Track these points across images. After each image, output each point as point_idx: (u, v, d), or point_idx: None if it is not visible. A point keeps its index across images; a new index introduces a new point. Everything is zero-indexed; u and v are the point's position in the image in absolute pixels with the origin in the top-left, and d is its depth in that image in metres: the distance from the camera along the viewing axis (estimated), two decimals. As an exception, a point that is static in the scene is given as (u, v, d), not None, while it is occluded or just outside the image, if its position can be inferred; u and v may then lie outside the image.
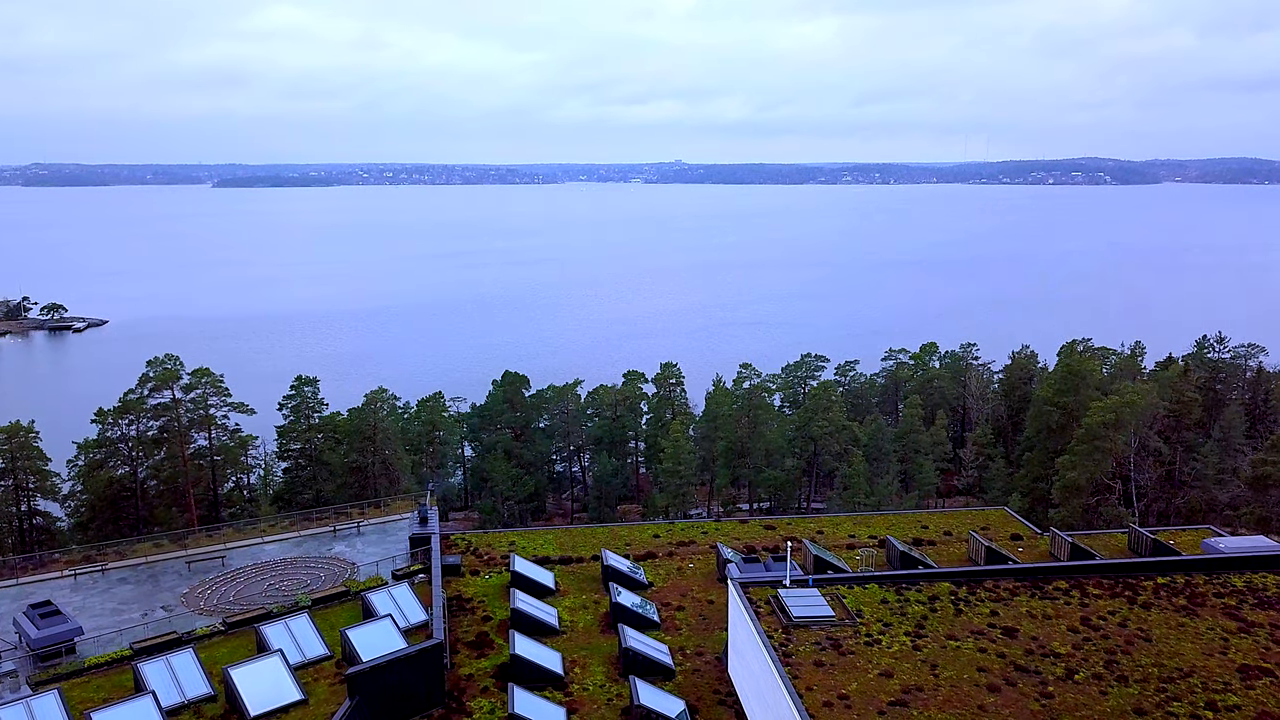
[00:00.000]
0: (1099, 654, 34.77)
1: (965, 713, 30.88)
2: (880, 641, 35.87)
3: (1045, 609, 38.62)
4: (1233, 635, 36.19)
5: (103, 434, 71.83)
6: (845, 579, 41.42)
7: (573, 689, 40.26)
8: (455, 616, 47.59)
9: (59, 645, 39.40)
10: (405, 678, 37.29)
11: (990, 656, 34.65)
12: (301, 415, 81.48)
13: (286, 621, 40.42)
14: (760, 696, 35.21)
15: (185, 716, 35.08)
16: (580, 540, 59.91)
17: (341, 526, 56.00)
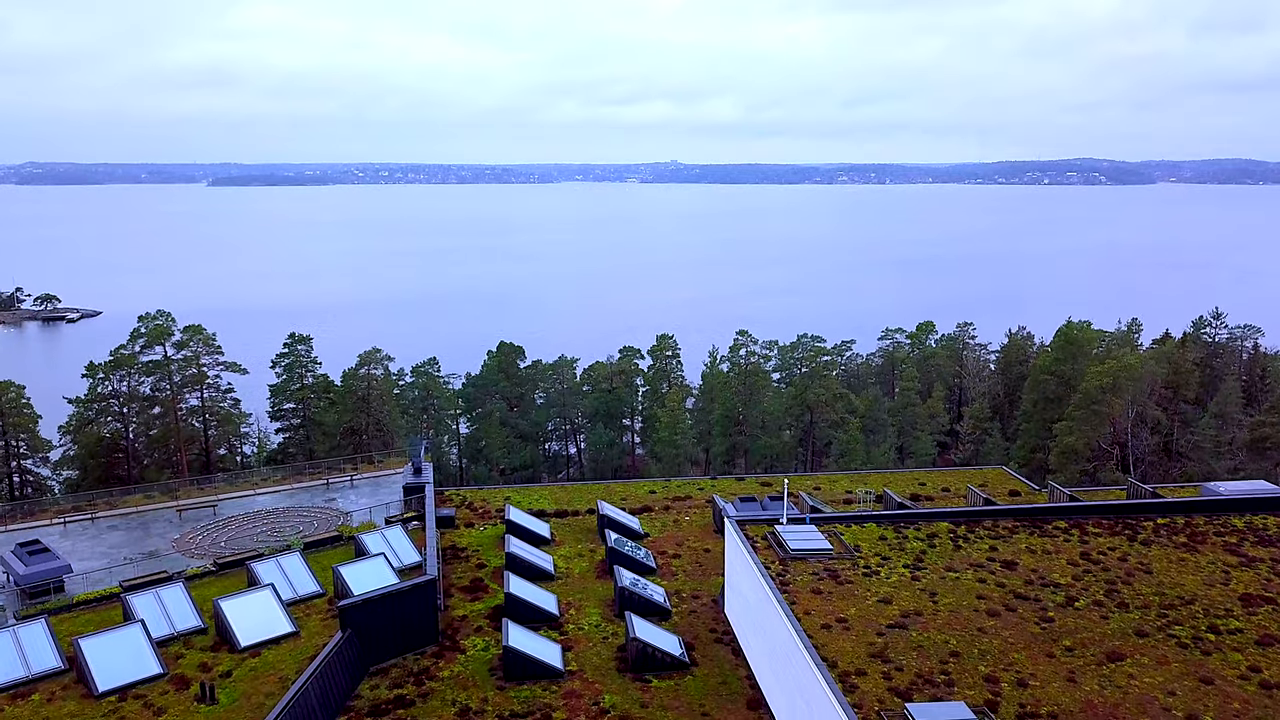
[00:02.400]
0: (1099, 584, 34.43)
1: (965, 635, 30.50)
2: (879, 573, 35.50)
3: (1044, 545, 38.28)
4: (1234, 569, 35.86)
5: (94, 389, 71.07)
6: (843, 517, 41.05)
7: (568, 628, 39.85)
8: (449, 564, 47.18)
9: (47, 582, 38.90)
10: (398, 613, 36.82)
11: (990, 586, 34.29)
12: (294, 374, 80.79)
13: (278, 559, 39.94)
14: (757, 628, 34.82)
15: (175, 647, 34.59)
16: (575, 495, 59.56)
17: (334, 480, 55.50)
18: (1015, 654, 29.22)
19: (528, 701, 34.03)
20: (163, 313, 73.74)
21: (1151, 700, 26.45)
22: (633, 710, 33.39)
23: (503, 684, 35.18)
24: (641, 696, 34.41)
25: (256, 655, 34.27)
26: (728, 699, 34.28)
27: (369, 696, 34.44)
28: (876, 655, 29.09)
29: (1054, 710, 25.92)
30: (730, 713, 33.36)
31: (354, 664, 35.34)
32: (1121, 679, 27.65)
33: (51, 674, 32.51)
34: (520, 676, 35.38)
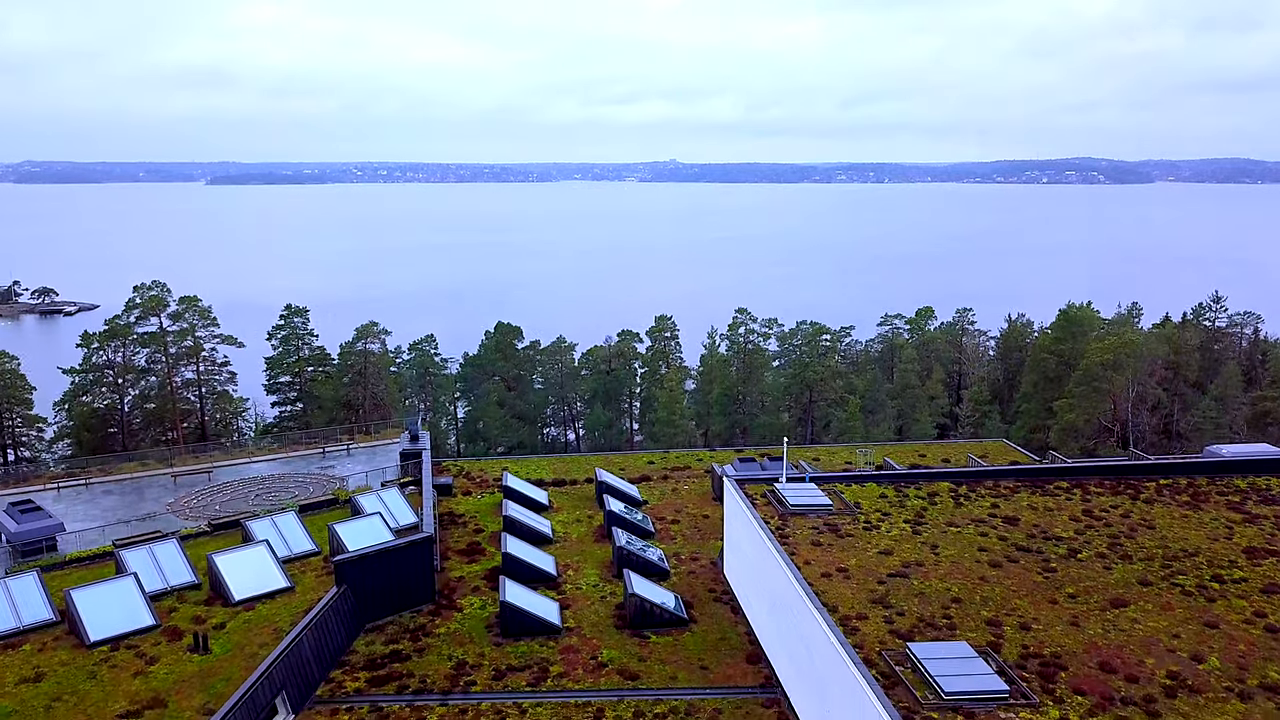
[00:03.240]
0: (1101, 538, 34.09)
1: (966, 583, 30.17)
2: (879, 527, 35.17)
3: (1046, 503, 37.93)
4: (1237, 525, 35.51)
5: (88, 359, 70.50)
6: (843, 477, 40.71)
7: (566, 588, 39.53)
8: (446, 529, 46.83)
9: (39, 540, 38.51)
10: (394, 570, 36.48)
11: (991, 539, 33.96)
12: (291, 346, 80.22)
13: (273, 519, 39.57)
14: (756, 581, 34.48)
15: (168, 601, 34.22)
16: (574, 466, 59.25)
17: (331, 449, 55.12)
18: (1017, 600, 28.89)
19: (525, 656, 33.71)
20: (158, 283, 73.19)
21: (1155, 642, 26.12)
22: (631, 664, 33.09)
23: (500, 640, 34.87)
24: (640, 651, 34.10)
25: (250, 609, 33.91)
26: (727, 654, 33.97)
27: (364, 651, 34.11)
28: (877, 601, 28.75)
29: (1057, 651, 25.59)
30: (729, 666, 33.06)
31: (349, 620, 35.00)
32: (1125, 623, 27.32)
33: (43, 625, 32.16)
34: (518, 633, 35.06)
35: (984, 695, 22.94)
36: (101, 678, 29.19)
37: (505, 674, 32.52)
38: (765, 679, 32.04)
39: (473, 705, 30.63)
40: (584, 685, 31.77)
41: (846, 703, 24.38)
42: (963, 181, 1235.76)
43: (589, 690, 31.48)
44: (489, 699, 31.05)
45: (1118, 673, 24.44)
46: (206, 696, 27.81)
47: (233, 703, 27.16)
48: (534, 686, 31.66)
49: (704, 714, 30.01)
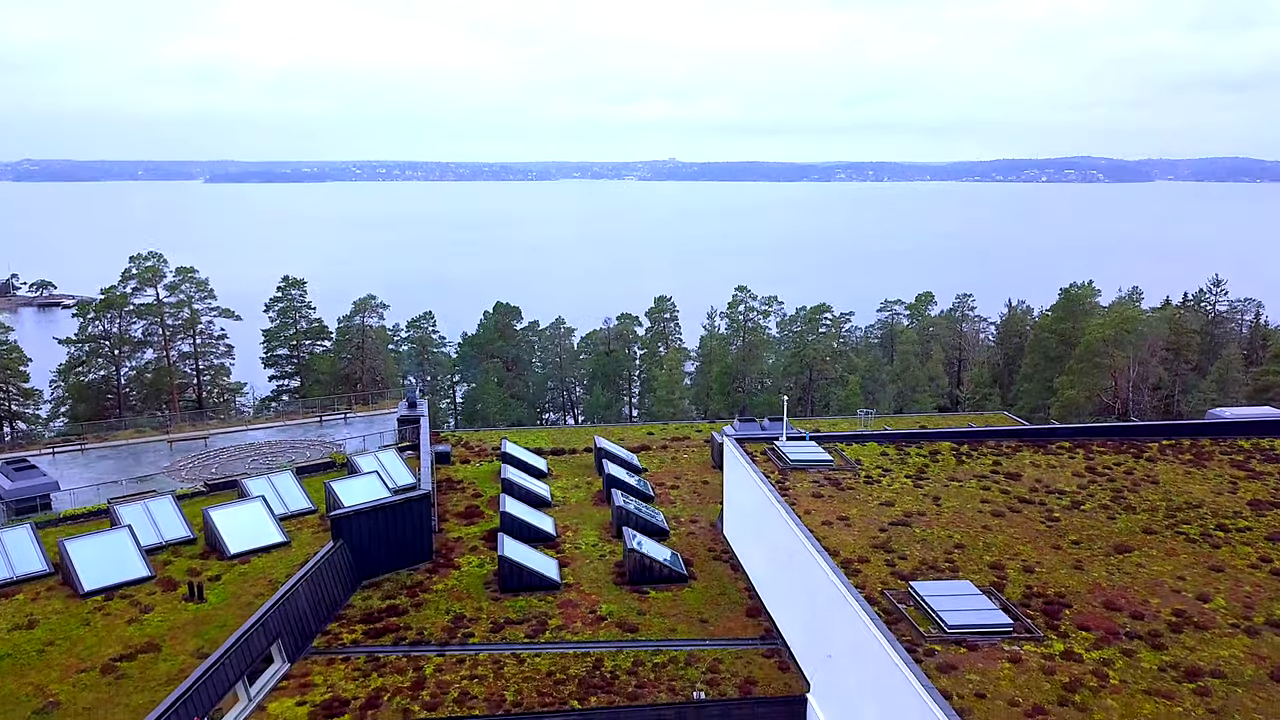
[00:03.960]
0: (1105, 492, 33.82)
1: (969, 531, 29.89)
2: (880, 482, 34.89)
3: (1049, 461, 37.66)
4: (1241, 480, 35.24)
5: (84, 329, 70.02)
6: (843, 436, 40.42)
7: (564, 547, 39.25)
8: (445, 494, 46.54)
9: (33, 498, 38.22)
10: (391, 527, 36.16)
11: (994, 493, 33.69)
12: (288, 318, 79.76)
13: (270, 477, 39.25)
14: (756, 533, 34.21)
15: (163, 555, 33.91)
16: (573, 436, 58.94)
17: (328, 417, 54.81)
18: (1020, 546, 28.62)
19: (523, 610, 33.41)
20: (154, 254, 72.71)
21: (1160, 584, 25.85)
22: (630, 617, 32.79)
23: (498, 595, 34.56)
24: (639, 605, 33.81)
25: (246, 562, 33.64)
26: (726, 608, 33.68)
27: (361, 606, 33.80)
28: (879, 547, 28.47)
29: (1061, 591, 25.31)
30: (729, 620, 32.75)
31: (345, 574, 34.70)
32: (1130, 567, 27.05)
33: (36, 576, 31.88)
34: (516, 588, 34.76)
35: (987, 629, 22.66)
36: (95, 625, 28.91)
37: (503, 626, 32.22)
38: (765, 631, 31.75)
39: (470, 656, 30.35)
40: (583, 637, 31.47)
41: (848, 641, 24.12)
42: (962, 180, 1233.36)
43: (588, 641, 31.20)
44: (486, 649, 30.76)
45: (1122, 610, 24.18)
46: (200, 641, 27.53)
47: (227, 646, 26.85)
48: (532, 638, 31.38)
49: (703, 663, 29.73)
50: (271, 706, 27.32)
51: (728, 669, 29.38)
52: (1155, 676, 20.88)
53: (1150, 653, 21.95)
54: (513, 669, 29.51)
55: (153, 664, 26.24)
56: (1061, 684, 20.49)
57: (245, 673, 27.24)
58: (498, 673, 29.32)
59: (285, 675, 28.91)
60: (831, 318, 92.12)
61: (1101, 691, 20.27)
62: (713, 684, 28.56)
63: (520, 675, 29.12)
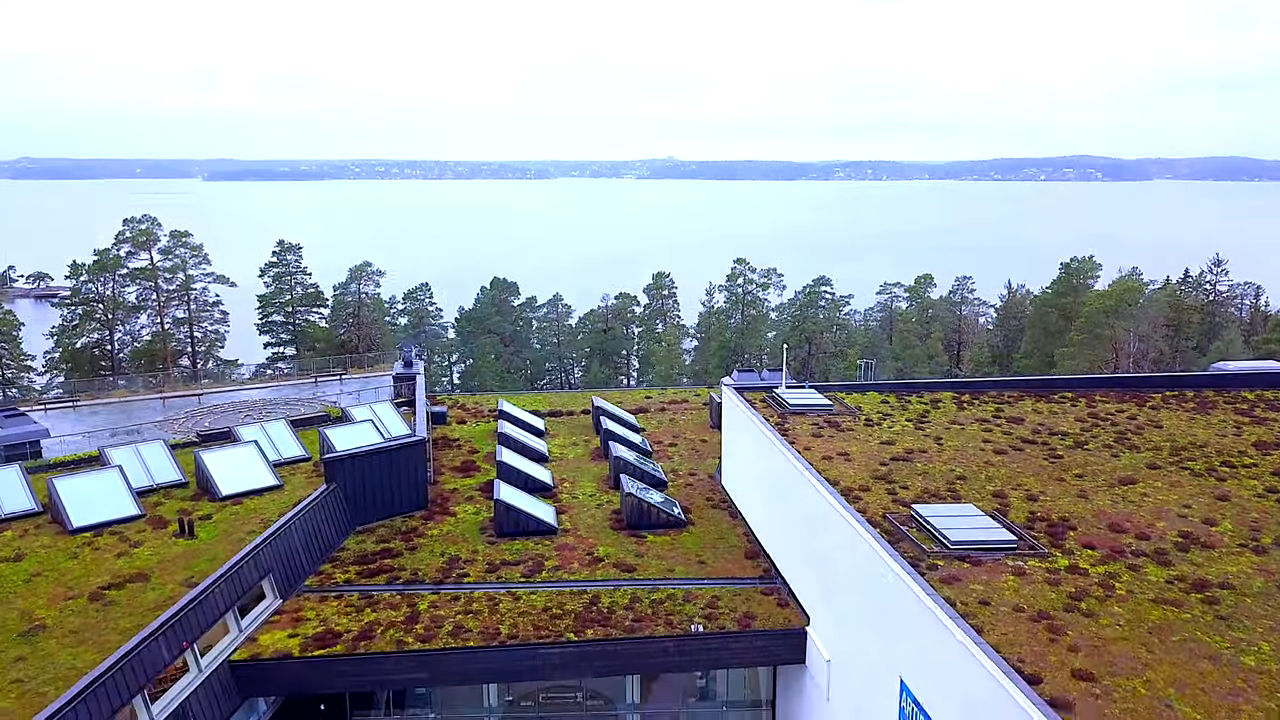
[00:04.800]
0: (1108, 434, 33.40)
1: (972, 466, 29.48)
2: (881, 425, 34.47)
3: (1051, 408, 37.23)
4: (1246, 425, 34.84)
5: (77, 291, 69.40)
6: (843, 386, 40.00)
7: (562, 497, 38.84)
8: (441, 450, 46.12)
9: (23, 444, 37.76)
10: (385, 473, 35.73)
11: (996, 434, 33.26)
12: (284, 283, 79.17)
13: (263, 425, 38.79)
14: (755, 474, 33.79)
15: (154, 498, 33.45)
16: (570, 400, 58.46)
17: (324, 378, 54.34)
18: (1024, 478, 28.21)
19: (520, 552, 32.98)
20: (148, 217, 72.06)
21: (1166, 511, 25.43)
22: (628, 559, 32.34)
23: (494, 540, 34.16)
24: (637, 548, 33.38)
25: (238, 504, 33.21)
26: (725, 551, 33.24)
27: (354, 549, 33.40)
28: (880, 479, 28.06)
29: (1065, 516, 24.90)
30: (727, 561, 32.32)
31: (339, 518, 34.28)
32: (1134, 496, 26.64)
33: (24, 515, 31.41)
34: (513, 532, 34.33)
35: (991, 544, 22.25)
36: (83, 558, 28.47)
37: (499, 567, 31.80)
38: (764, 571, 31.33)
39: (465, 593, 29.93)
40: (579, 577, 31.05)
41: (849, 564, 23.71)
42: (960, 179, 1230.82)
43: (585, 580, 30.79)
44: (482, 588, 30.35)
45: (1127, 533, 23.77)
46: (190, 573, 27.09)
47: (217, 575, 26.44)
48: (528, 578, 30.96)
49: (701, 600, 29.32)
50: (263, 638, 26.91)
51: (726, 605, 28.98)
52: (1162, 588, 20.49)
53: (1157, 568, 21.55)
54: (508, 605, 29.11)
55: (141, 592, 25.82)
56: (1067, 593, 20.09)
57: (236, 604, 26.83)
58: (493, 608, 28.91)
59: (277, 610, 28.49)
60: (831, 293, 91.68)
61: (1108, 600, 19.87)
62: (711, 619, 28.15)
63: (516, 611, 28.71)
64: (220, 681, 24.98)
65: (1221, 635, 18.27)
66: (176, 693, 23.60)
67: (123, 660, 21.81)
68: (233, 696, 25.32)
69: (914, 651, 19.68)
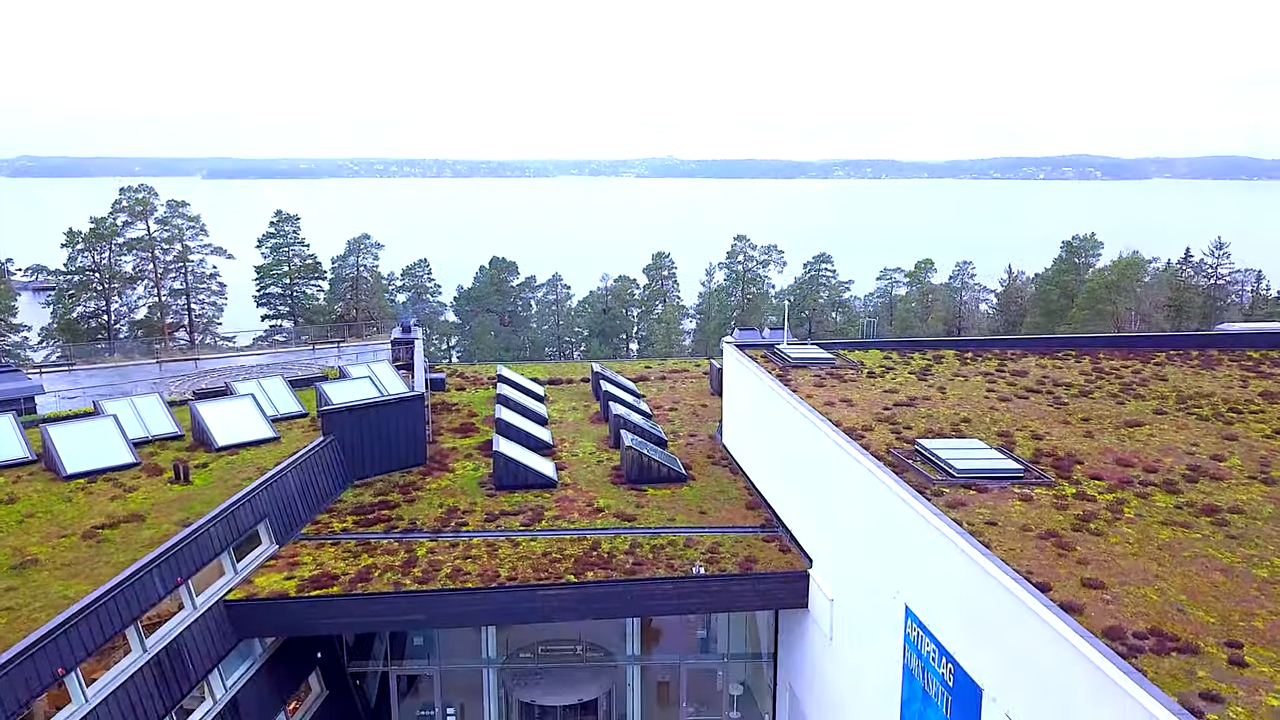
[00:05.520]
0: (1114, 385, 33.11)
1: (976, 410, 29.16)
2: (884, 377, 34.16)
3: (1055, 364, 36.95)
4: (1252, 378, 34.55)
5: (73, 260, 68.87)
6: (846, 343, 39.69)
7: (562, 455, 38.53)
8: (439, 414, 45.79)
9: (16, 399, 37.42)
10: (383, 427, 35.36)
11: (1000, 385, 32.96)
12: (281, 254, 78.67)
13: (260, 381, 38.45)
14: (755, 426, 33.46)
15: (149, 449, 33.10)
16: (570, 369, 58.19)
17: (321, 346, 54.00)
18: (1028, 421, 27.90)
19: (519, 504, 32.65)
20: (145, 186, 71.52)
21: (1173, 448, 25.13)
22: (628, 510, 32.04)
23: (493, 493, 33.84)
24: (637, 499, 33.09)
25: (234, 454, 32.84)
26: (725, 503, 32.92)
27: (351, 500, 33.09)
28: (883, 421, 27.74)
29: (1072, 452, 24.59)
30: (728, 512, 32.00)
31: (336, 470, 33.94)
32: (1141, 436, 26.35)
33: (18, 463, 31.06)
34: (511, 486, 33.98)
35: (998, 473, 21.94)
36: (77, 501, 28.15)
37: (498, 517, 31.48)
38: (766, 521, 31.03)
39: (464, 541, 29.62)
40: (580, 526, 30.74)
41: (853, 497, 23.39)
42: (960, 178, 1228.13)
43: (585, 529, 30.47)
44: (481, 536, 30.04)
45: (1135, 467, 23.46)
46: (186, 514, 26.75)
47: (212, 515, 26.12)
48: (528, 526, 30.65)
49: (703, 546, 29.00)
50: (258, 580, 26.59)
51: (728, 551, 28.66)
52: (1171, 512, 20.18)
53: (1165, 495, 21.25)
54: (507, 551, 28.79)
55: (135, 531, 25.49)
56: (1075, 516, 19.78)
57: (231, 545, 26.51)
58: (492, 554, 28.60)
59: (273, 556, 28.17)
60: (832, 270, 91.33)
61: (1117, 522, 19.56)
62: (712, 563, 27.84)
63: (515, 555, 28.40)
64: (215, 620, 24.67)
65: (1233, 552, 17.97)
66: (171, 627, 23.30)
67: (116, 589, 21.49)
68: (228, 636, 25.01)
69: (918, 574, 19.37)
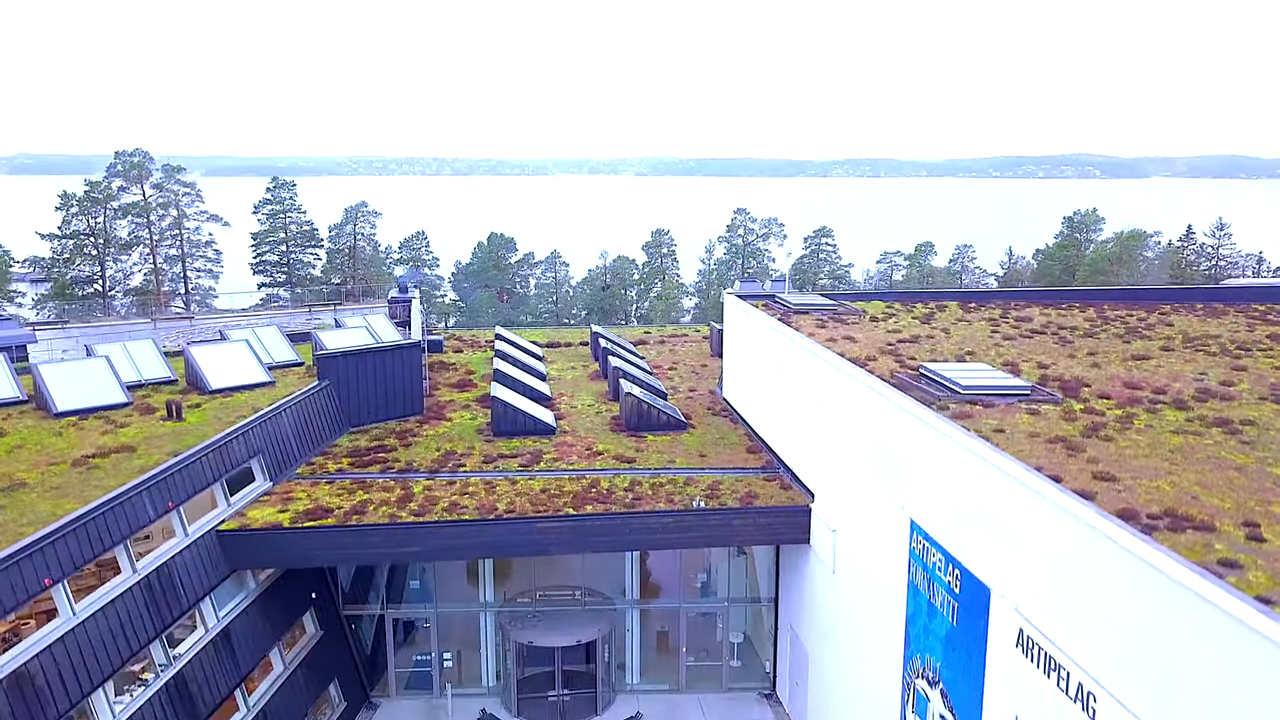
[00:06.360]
0: (1119, 328, 32.70)
1: (981, 346, 28.76)
2: (886, 321, 33.76)
3: (1060, 312, 36.53)
4: (1259, 324, 34.15)
5: (67, 223, 68.19)
6: (847, 295, 39.27)
7: (561, 406, 38.15)
8: (436, 373, 45.41)
9: (8, 347, 36.96)
10: (379, 374, 34.98)
11: (1004, 328, 32.55)
12: (277, 220, 77.94)
13: (254, 329, 38.00)
14: (755, 367, 33.05)
15: (142, 392, 32.65)
16: (569, 334, 57.82)
17: (318, 309, 53.57)
18: (1034, 355, 27.50)
19: (518, 448, 32.29)
20: (139, 150, 70.89)
21: (1182, 375, 24.71)
22: (627, 453, 31.68)
23: (491, 439, 33.46)
24: (637, 444, 32.71)
25: (228, 397, 32.40)
26: (726, 448, 32.54)
27: (347, 445, 32.72)
28: (887, 353, 27.33)
29: (1079, 377, 24.18)
30: (729, 455, 31.64)
31: (331, 415, 33.56)
32: (1149, 367, 25.92)
33: (8, 402, 30.62)
34: (509, 432, 33.59)
35: (1004, 390, 21.54)
36: (68, 435, 27.73)
37: (496, 459, 31.12)
38: (766, 463, 30.65)
39: (461, 480, 29.22)
40: (578, 467, 30.36)
41: (857, 420, 23.00)
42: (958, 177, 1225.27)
43: (584, 469, 30.09)
44: (479, 475, 29.65)
45: (1144, 389, 23.05)
46: (177, 445, 26.30)
47: (204, 445, 25.73)
48: (526, 467, 30.26)
49: (703, 483, 28.62)
50: (251, 513, 26.21)
51: (728, 488, 28.29)
52: (1183, 424, 19.79)
53: (1175, 411, 20.85)
54: (505, 487, 28.41)
55: (126, 460, 25.06)
56: (1084, 426, 19.38)
57: (223, 477, 26.12)
58: (490, 490, 28.22)
59: (266, 492, 27.78)
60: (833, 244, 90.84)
61: (1127, 430, 19.16)
62: (713, 499, 27.46)
63: (513, 492, 28.02)
64: (207, 548, 24.29)
65: (1247, 455, 17.58)
66: (162, 552, 22.91)
67: (105, 505, 21.09)
68: (220, 565, 24.62)
69: (923, 485, 18.98)
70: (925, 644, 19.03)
